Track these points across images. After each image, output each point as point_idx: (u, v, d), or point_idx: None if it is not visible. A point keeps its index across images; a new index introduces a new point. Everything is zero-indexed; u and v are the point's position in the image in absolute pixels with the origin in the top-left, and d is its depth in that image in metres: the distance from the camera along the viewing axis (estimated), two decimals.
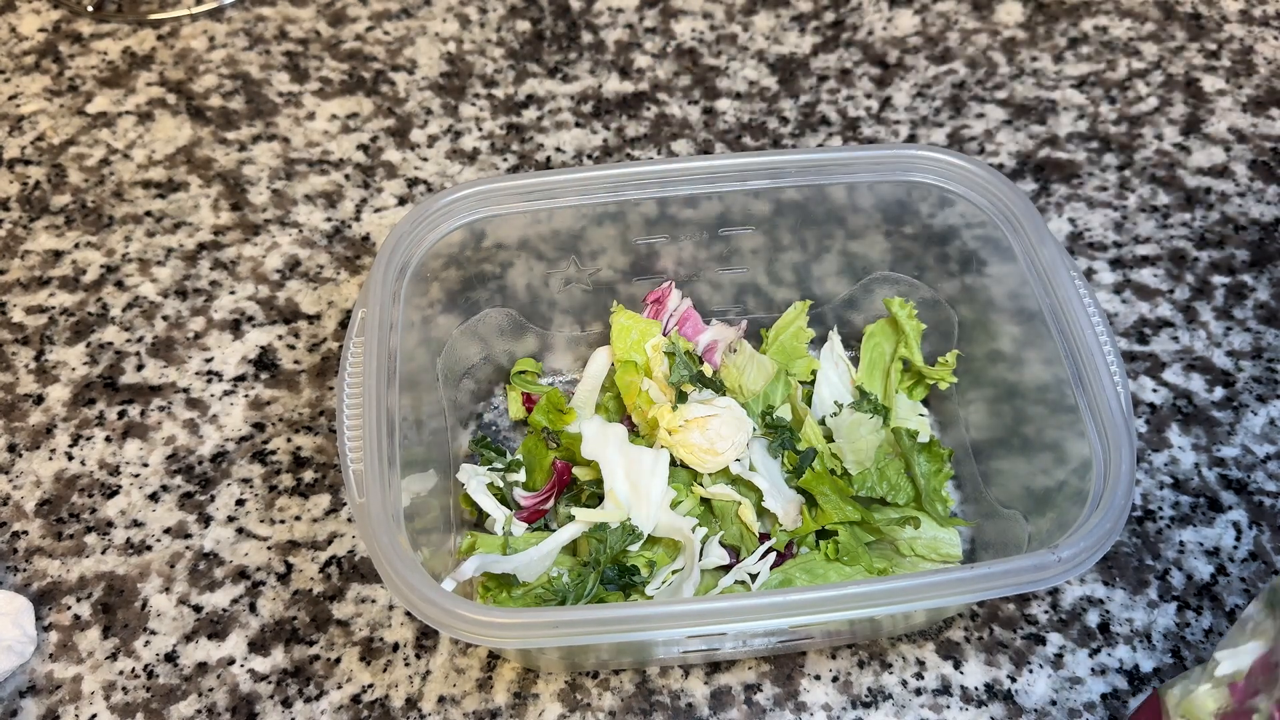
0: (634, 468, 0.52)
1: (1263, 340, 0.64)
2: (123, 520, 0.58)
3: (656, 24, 0.83)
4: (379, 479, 0.45)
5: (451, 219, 0.54)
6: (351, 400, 0.47)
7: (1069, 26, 0.82)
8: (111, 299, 0.67)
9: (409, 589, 0.42)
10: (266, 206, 0.72)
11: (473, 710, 0.52)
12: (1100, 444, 0.46)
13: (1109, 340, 0.48)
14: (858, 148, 0.56)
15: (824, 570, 0.52)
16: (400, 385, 0.49)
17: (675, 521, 0.52)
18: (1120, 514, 0.43)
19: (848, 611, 0.41)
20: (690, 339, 0.59)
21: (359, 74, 0.80)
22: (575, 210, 0.55)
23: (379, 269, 0.51)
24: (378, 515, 0.43)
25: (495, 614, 0.41)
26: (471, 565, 0.49)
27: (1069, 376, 0.48)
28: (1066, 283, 0.50)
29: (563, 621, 0.41)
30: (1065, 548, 0.42)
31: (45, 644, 0.54)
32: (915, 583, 0.42)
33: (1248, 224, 0.69)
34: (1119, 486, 0.44)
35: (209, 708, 0.52)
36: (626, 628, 0.41)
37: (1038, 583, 0.42)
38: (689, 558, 0.51)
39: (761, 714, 0.51)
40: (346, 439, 0.46)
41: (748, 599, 0.42)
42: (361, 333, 0.49)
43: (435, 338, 0.56)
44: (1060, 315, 0.49)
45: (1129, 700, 0.51)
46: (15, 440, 0.61)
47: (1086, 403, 0.47)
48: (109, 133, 0.76)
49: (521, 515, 0.54)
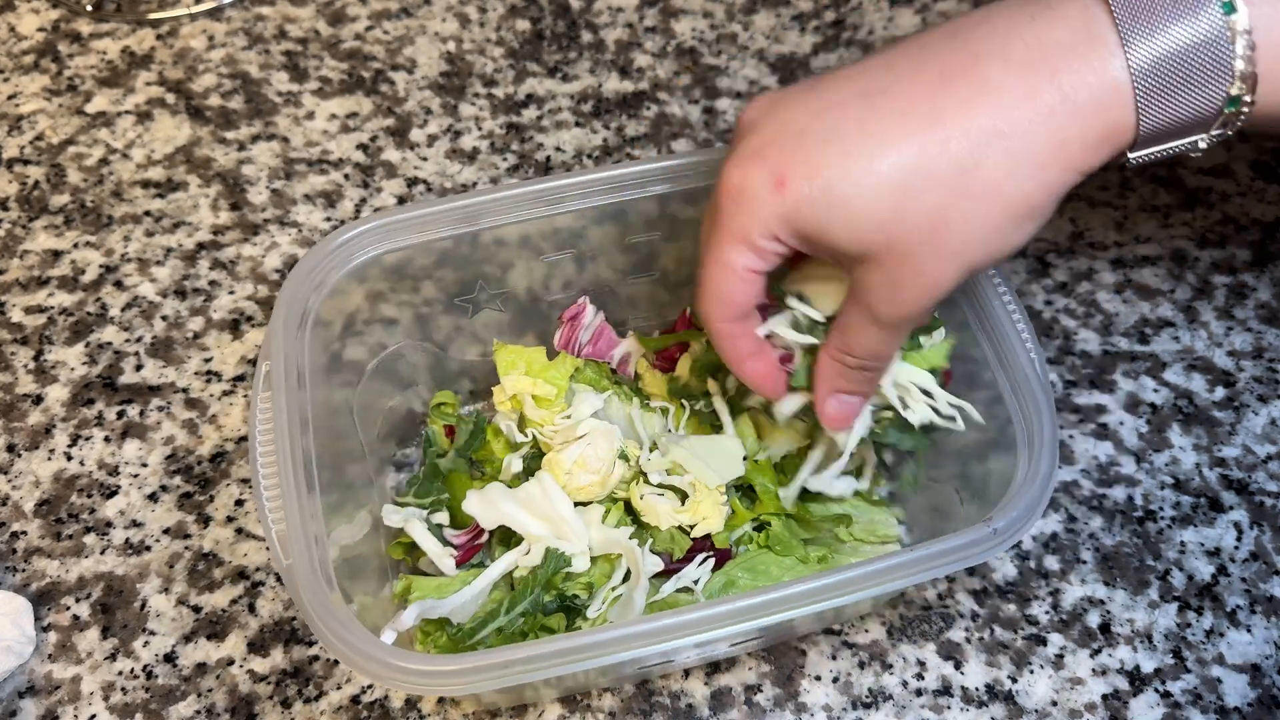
0: (534, 506, 0.51)
1: (1264, 340, 0.64)
2: (122, 520, 0.58)
3: (656, 23, 0.83)
4: (303, 537, 0.43)
5: (351, 257, 0.52)
6: (265, 460, 0.46)
7: None
8: (110, 299, 0.67)
9: (347, 648, 0.40)
10: (266, 206, 0.72)
11: (472, 711, 0.51)
12: (1021, 413, 0.47)
13: (1018, 309, 0.49)
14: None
15: (765, 566, 0.51)
16: (316, 434, 0.47)
17: (610, 535, 0.51)
18: (1047, 480, 0.44)
19: (793, 611, 0.41)
20: (604, 355, 0.59)
21: (358, 73, 0.79)
22: (479, 235, 0.54)
23: (278, 318, 0.49)
24: (305, 576, 0.42)
25: (439, 662, 0.40)
26: (411, 615, 0.47)
27: (985, 354, 0.49)
28: None
29: (511, 661, 0.40)
30: (998, 519, 0.43)
31: (44, 644, 0.54)
32: (856, 573, 0.42)
33: (1249, 223, 0.69)
34: (1043, 452, 0.45)
35: (208, 708, 0.52)
36: (575, 658, 0.40)
37: (977, 557, 0.43)
38: (635, 567, 0.50)
39: (761, 714, 0.51)
40: (264, 499, 0.45)
41: (692, 612, 0.41)
42: (268, 387, 0.47)
43: (347, 380, 0.55)
44: (969, 288, 0.50)
45: (1130, 701, 0.51)
46: (14, 440, 0.61)
47: (1005, 375, 0.48)
48: (108, 132, 0.76)
49: (457, 557, 0.52)
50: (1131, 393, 0.62)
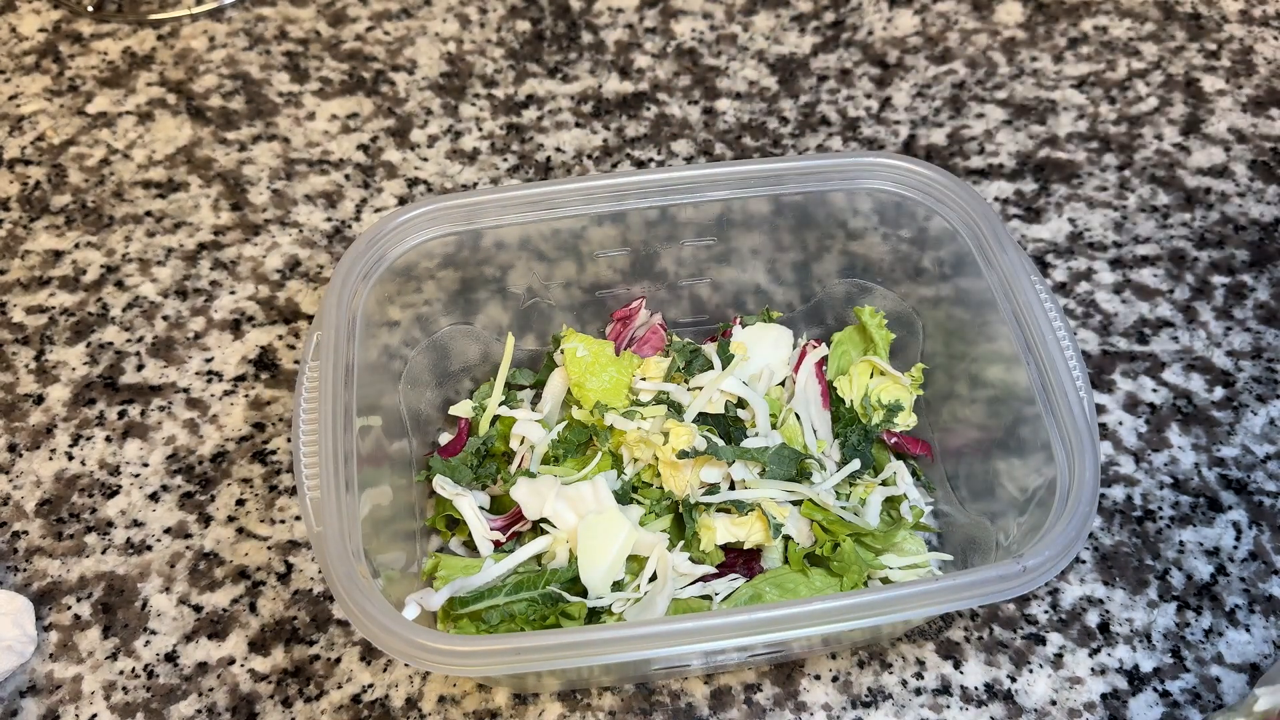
0: (581, 505, 0.51)
1: (1262, 340, 0.64)
2: (123, 520, 0.58)
3: (656, 24, 0.83)
4: (336, 506, 0.44)
5: (411, 235, 0.53)
6: (308, 426, 0.47)
7: (1069, 26, 0.82)
8: (111, 299, 0.67)
9: (367, 619, 0.41)
10: (266, 206, 0.72)
11: (472, 710, 0.52)
12: (1064, 450, 0.45)
13: (1071, 345, 0.48)
14: (815, 156, 0.56)
15: (794, 585, 0.51)
16: (359, 405, 0.48)
17: (647, 538, 0.51)
18: (1084, 521, 0.43)
19: (815, 628, 0.41)
20: (646, 357, 0.59)
21: (359, 74, 0.80)
22: (533, 227, 0.54)
23: (334, 291, 0.50)
24: (334, 544, 0.43)
25: (456, 642, 0.40)
26: (443, 595, 0.48)
27: (1032, 382, 0.48)
28: (1027, 288, 0.49)
29: (525, 648, 0.40)
30: (1030, 556, 0.42)
31: (45, 644, 0.54)
32: (881, 597, 0.41)
33: (1247, 224, 0.69)
34: (1083, 494, 0.44)
35: (209, 708, 0.52)
36: (590, 652, 0.40)
37: (1003, 593, 0.42)
38: (663, 573, 0.50)
39: (761, 714, 0.51)
40: (303, 465, 0.46)
41: (713, 618, 0.41)
42: (317, 356, 0.48)
43: (397, 356, 0.56)
44: (1023, 321, 0.49)
45: (1129, 700, 0.51)
46: (15, 440, 0.61)
47: (1050, 409, 0.47)
48: (109, 133, 0.76)
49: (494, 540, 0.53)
50: (1131, 393, 0.62)
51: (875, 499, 0.53)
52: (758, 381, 0.57)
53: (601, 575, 0.50)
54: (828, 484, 0.53)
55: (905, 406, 0.57)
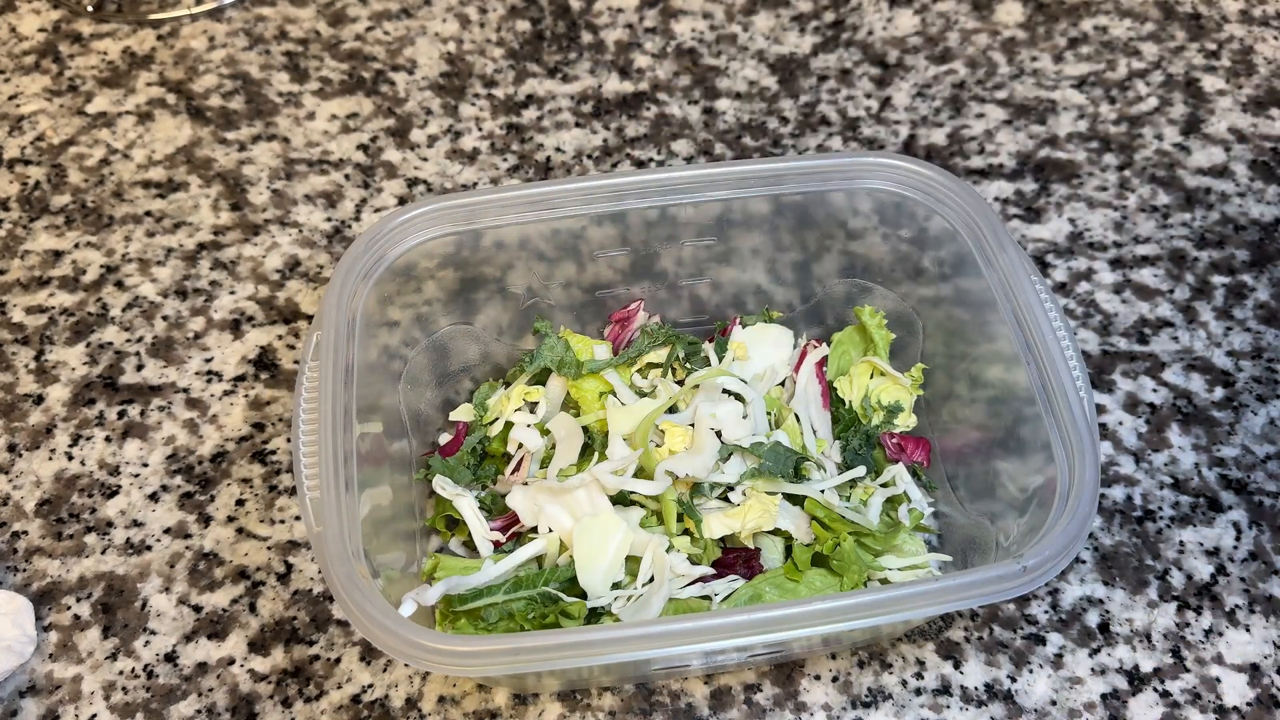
0: (577, 509, 0.51)
1: (1263, 340, 0.64)
2: (123, 520, 0.58)
3: (656, 24, 0.83)
4: (336, 506, 0.44)
5: (411, 235, 0.53)
6: (308, 426, 0.47)
7: (1069, 26, 0.82)
8: (111, 299, 0.67)
9: (367, 619, 0.41)
10: (266, 206, 0.72)
11: (472, 710, 0.52)
12: (1064, 450, 0.45)
13: (1071, 345, 0.48)
14: (815, 156, 0.56)
15: (794, 586, 0.51)
16: (359, 406, 0.48)
17: (643, 538, 0.51)
18: (1084, 521, 0.43)
19: (815, 628, 0.41)
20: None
21: (359, 74, 0.80)
22: (533, 227, 0.54)
23: (334, 291, 0.50)
24: (334, 544, 0.43)
25: (456, 642, 0.40)
26: (437, 591, 0.48)
27: (1032, 383, 0.48)
28: (1027, 288, 0.49)
29: (525, 648, 0.40)
30: (1030, 557, 0.42)
31: (45, 644, 0.54)
32: (881, 597, 0.41)
33: (1248, 224, 0.69)
34: (1083, 494, 0.44)
35: (209, 708, 0.52)
36: (590, 652, 0.40)
37: (1003, 593, 0.42)
38: (659, 574, 0.50)
39: (761, 714, 0.51)
40: (303, 465, 0.46)
41: (712, 618, 0.41)
42: (316, 356, 0.49)
43: (396, 356, 0.55)
44: (1024, 321, 0.49)
45: (1129, 700, 0.51)
46: (15, 440, 0.61)
47: (1050, 409, 0.47)
48: (109, 133, 0.76)
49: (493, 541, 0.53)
50: (1130, 393, 0.62)
51: (876, 500, 0.53)
52: (759, 381, 0.57)
53: (600, 577, 0.50)
54: (828, 484, 0.53)
55: (905, 407, 0.57)
